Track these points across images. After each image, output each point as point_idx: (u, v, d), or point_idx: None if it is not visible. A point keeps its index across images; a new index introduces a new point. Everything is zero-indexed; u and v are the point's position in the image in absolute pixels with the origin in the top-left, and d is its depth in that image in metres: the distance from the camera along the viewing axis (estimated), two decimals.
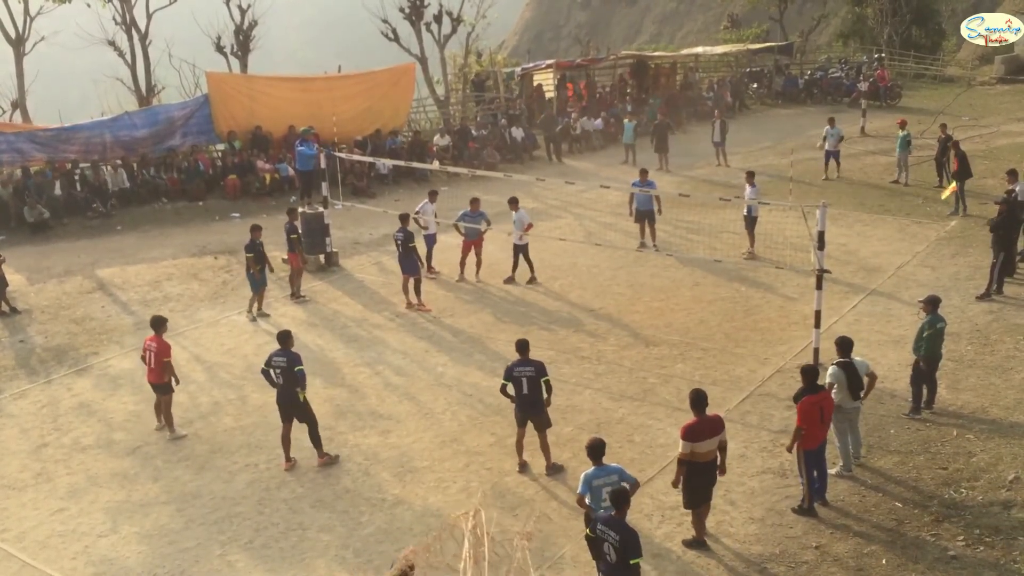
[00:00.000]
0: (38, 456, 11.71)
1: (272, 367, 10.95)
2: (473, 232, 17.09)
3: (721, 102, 34.10)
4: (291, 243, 16.79)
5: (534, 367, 10.43)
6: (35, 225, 21.05)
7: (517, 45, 77.68)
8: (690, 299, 16.12)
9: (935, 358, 11.63)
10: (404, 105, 28.92)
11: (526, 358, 10.51)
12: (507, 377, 10.50)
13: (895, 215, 20.83)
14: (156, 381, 12.02)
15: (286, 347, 11.04)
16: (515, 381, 10.42)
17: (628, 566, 7.36)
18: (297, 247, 16.91)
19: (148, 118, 24.50)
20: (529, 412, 10.52)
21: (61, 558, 9.62)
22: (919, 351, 11.59)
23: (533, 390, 10.39)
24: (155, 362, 11.88)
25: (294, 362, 10.86)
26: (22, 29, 27.22)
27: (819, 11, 55.36)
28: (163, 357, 11.85)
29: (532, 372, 10.39)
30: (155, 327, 12.12)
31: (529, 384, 10.36)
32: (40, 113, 28.94)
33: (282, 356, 10.93)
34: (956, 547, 9.06)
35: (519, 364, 10.47)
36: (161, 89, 29.76)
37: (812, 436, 9.46)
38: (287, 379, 10.87)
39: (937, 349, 11.59)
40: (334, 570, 9.23)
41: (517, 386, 10.42)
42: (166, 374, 11.94)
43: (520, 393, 10.43)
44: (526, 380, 10.38)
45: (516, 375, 10.42)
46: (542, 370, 10.46)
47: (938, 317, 11.55)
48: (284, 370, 10.85)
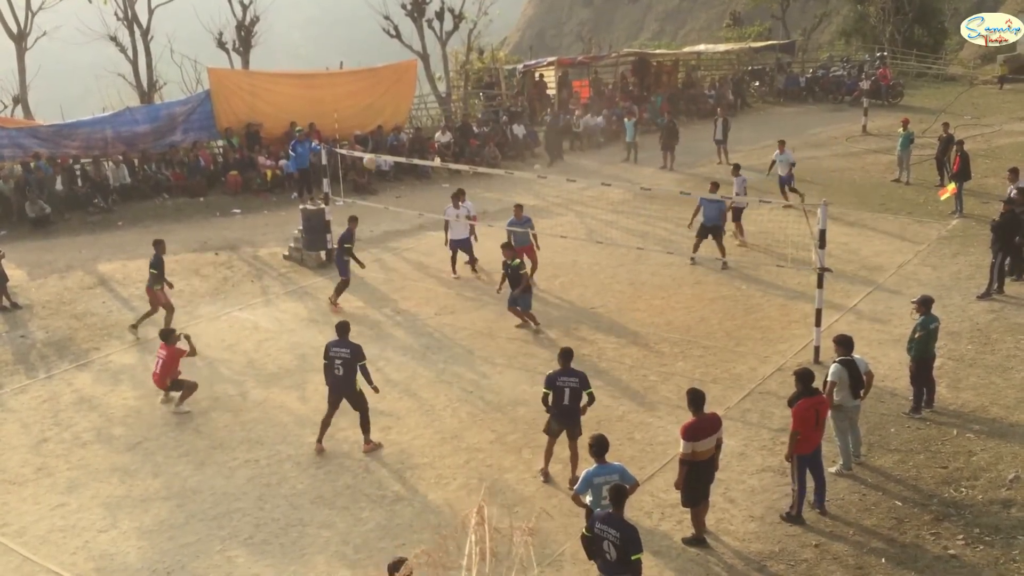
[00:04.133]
0: (38, 451, 11.71)
1: (331, 358, 11.12)
2: (523, 238, 16.46)
3: (723, 100, 34.13)
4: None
5: (578, 378, 10.08)
6: (36, 220, 21.05)
7: (519, 42, 77.61)
8: (691, 297, 16.13)
9: (926, 358, 11.56)
10: (405, 102, 28.91)
11: (569, 367, 10.16)
12: (548, 386, 10.11)
13: (896, 214, 20.83)
14: (158, 384, 12.67)
15: (345, 337, 11.25)
16: (557, 391, 10.05)
17: (628, 563, 7.36)
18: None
19: (149, 114, 24.55)
20: (567, 423, 10.18)
21: (61, 553, 9.63)
22: (910, 352, 11.59)
23: (574, 401, 10.07)
24: (161, 369, 12.51)
25: (358, 355, 11.08)
26: (24, 24, 27.19)
27: (821, 9, 55.39)
28: (172, 366, 12.50)
29: (576, 383, 10.05)
30: (164, 338, 12.68)
31: (571, 395, 10.04)
32: (41, 109, 28.91)
33: (345, 347, 11.12)
34: (956, 546, 9.07)
35: (562, 374, 10.10)
36: (163, 85, 29.70)
37: (807, 440, 9.40)
38: (348, 369, 11.04)
39: (928, 350, 11.53)
40: (334, 566, 9.24)
41: (559, 396, 10.04)
42: (168, 378, 12.55)
43: (560, 403, 10.07)
44: (569, 391, 10.03)
45: (559, 385, 10.04)
46: (585, 382, 10.11)
47: (931, 318, 11.52)
48: (346, 361, 11.04)
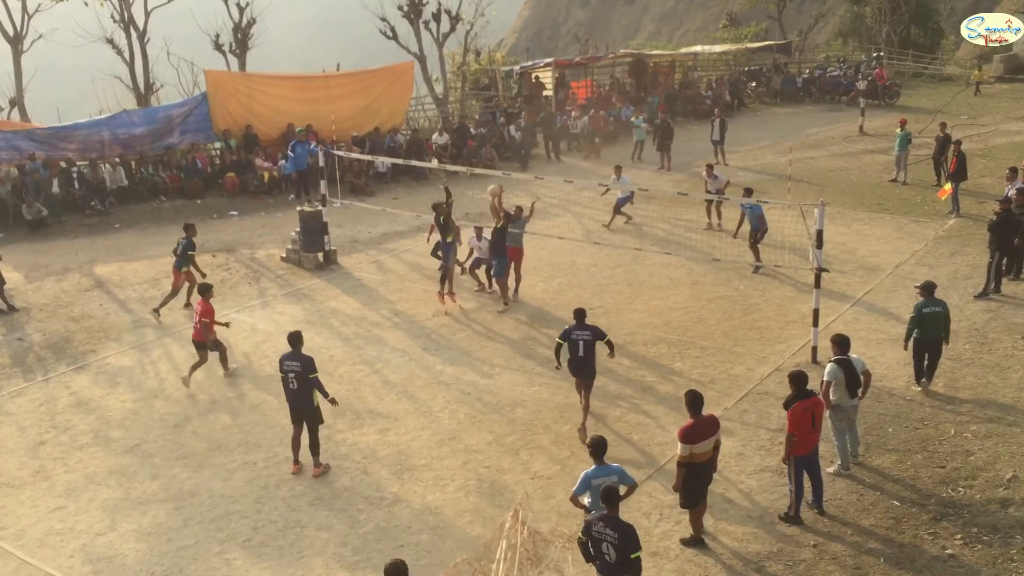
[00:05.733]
0: (36, 454, 11.70)
1: (286, 372, 10.75)
2: (517, 239, 16.11)
3: (720, 101, 34.15)
4: None
5: (591, 331, 11.27)
6: (33, 223, 21.04)
7: (516, 43, 77.79)
8: (688, 297, 16.13)
9: (922, 340, 11.93)
10: (402, 103, 28.91)
11: (583, 323, 11.34)
12: (564, 338, 11.31)
13: (893, 214, 20.85)
14: (197, 339, 13.22)
15: (297, 349, 10.84)
16: (572, 344, 11.23)
17: (629, 562, 7.37)
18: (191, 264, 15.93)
19: (146, 116, 24.54)
20: (583, 372, 11.40)
21: (59, 556, 9.61)
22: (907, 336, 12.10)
23: (588, 352, 11.25)
24: (200, 323, 13.05)
25: (308, 368, 10.64)
26: (20, 27, 27.19)
27: (818, 10, 55.53)
28: (204, 317, 13.00)
29: (589, 336, 11.22)
30: (201, 293, 13.24)
31: (585, 347, 11.22)
32: (38, 111, 28.90)
33: (294, 360, 10.71)
34: (953, 546, 9.08)
35: (577, 328, 11.29)
36: (159, 87, 29.70)
37: (803, 442, 9.40)
38: (302, 384, 10.66)
39: (925, 331, 11.86)
40: (332, 568, 9.23)
41: (574, 348, 11.23)
42: (208, 334, 13.11)
43: (576, 355, 11.27)
44: (583, 343, 11.21)
45: (574, 338, 11.24)
46: (599, 334, 11.33)
47: (931, 301, 11.91)
48: (298, 375, 10.65)
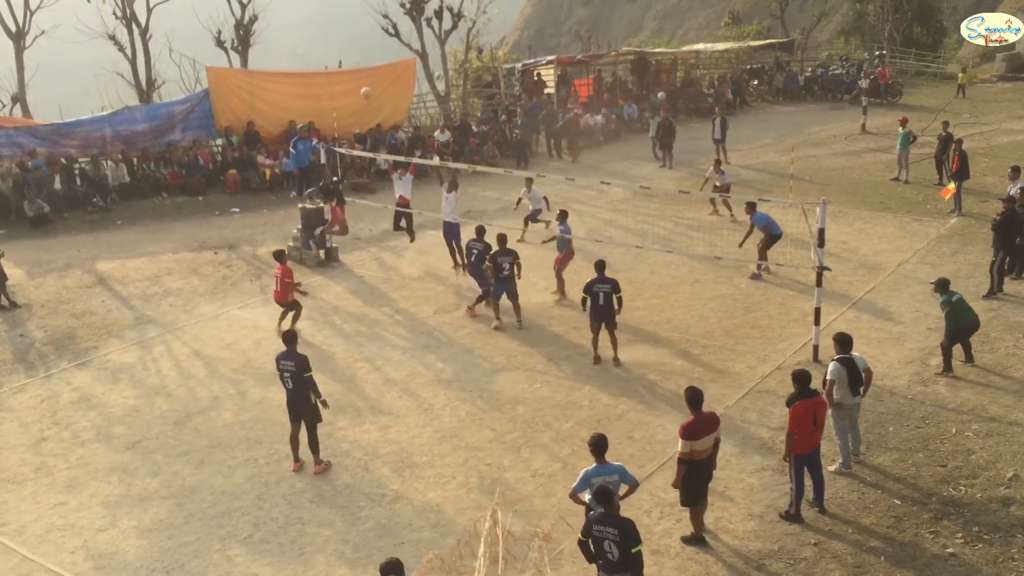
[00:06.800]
0: (37, 450, 11.71)
1: (281, 371, 10.77)
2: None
3: (722, 99, 34.11)
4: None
5: (610, 284, 13.07)
6: (35, 219, 21.05)
7: (518, 41, 77.78)
8: (690, 296, 16.12)
9: (960, 329, 12.49)
10: (404, 101, 28.92)
11: (603, 276, 13.14)
12: (587, 291, 13.15)
13: (895, 212, 20.82)
14: (280, 300, 14.61)
15: (292, 348, 10.84)
16: (593, 295, 13.06)
17: (631, 556, 7.36)
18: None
19: (148, 113, 24.58)
20: (604, 318, 13.16)
21: (60, 552, 9.63)
22: (947, 329, 12.57)
23: (608, 302, 13.05)
24: (280, 284, 14.45)
25: (302, 367, 10.66)
26: (22, 23, 27.18)
27: (820, 8, 55.45)
28: (286, 279, 14.41)
29: (608, 288, 13.03)
30: (278, 258, 14.66)
31: (605, 297, 13.04)
32: (40, 107, 28.92)
33: (289, 359, 10.72)
34: (954, 544, 9.07)
35: (597, 281, 13.09)
36: (161, 84, 29.68)
37: (804, 441, 9.37)
38: (297, 383, 10.68)
39: (960, 321, 12.43)
40: (333, 565, 9.24)
41: (595, 299, 13.05)
42: (289, 294, 14.47)
43: (596, 304, 13.07)
44: (603, 294, 13.03)
45: (595, 290, 13.06)
46: (616, 287, 13.11)
47: (951, 293, 12.51)
48: (293, 374, 10.66)
